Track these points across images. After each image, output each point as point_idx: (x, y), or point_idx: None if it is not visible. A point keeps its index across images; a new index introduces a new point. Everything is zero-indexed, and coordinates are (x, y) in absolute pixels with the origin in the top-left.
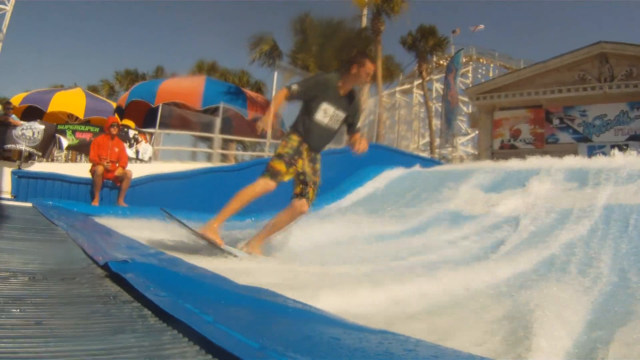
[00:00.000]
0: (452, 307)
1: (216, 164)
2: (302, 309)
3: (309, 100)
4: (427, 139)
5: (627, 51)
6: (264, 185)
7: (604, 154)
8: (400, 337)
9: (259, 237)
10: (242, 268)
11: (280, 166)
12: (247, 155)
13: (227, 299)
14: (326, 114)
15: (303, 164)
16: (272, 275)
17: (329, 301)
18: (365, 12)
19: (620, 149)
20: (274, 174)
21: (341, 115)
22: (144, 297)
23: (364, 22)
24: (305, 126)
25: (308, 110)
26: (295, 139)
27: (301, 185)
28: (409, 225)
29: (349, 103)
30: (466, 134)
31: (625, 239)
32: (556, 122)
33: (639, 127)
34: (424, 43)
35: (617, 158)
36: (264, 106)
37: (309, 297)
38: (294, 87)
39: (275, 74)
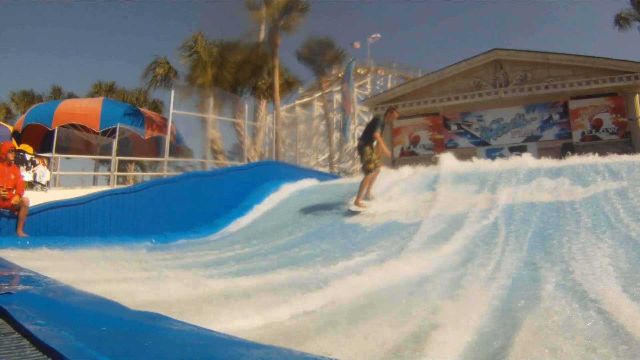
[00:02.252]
0: (364, 308)
1: (115, 186)
2: (186, 330)
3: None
4: (328, 154)
5: (521, 57)
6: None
7: (503, 155)
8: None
9: (359, 196)
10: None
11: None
12: (147, 175)
13: (109, 325)
14: None
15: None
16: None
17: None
18: (262, 27)
19: (518, 150)
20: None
21: None
22: (23, 327)
23: (262, 36)
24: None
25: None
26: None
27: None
28: (310, 231)
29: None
30: None
31: (523, 235)
32: (454, 127)
33: (535, 128)
34: (322, 56)
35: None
36: (161, 125)
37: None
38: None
39: (172, 92)
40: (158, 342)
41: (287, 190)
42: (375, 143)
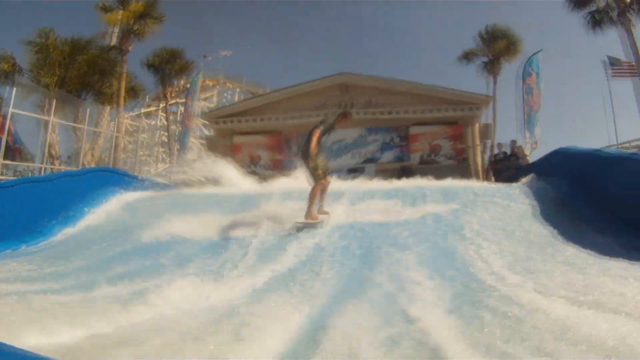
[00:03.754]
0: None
1: None
2: None
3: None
4: (169, 164)
5: (366, 82)
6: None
7: (340, 177)
8: None
9: (310, 208)
10: None
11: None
12: None
13: None
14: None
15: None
16: None
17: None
18: (116, 30)
19: (356, 171)
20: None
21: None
22: None
23: (114, 40)
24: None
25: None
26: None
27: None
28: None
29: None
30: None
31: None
32: (294, 148)
33: (375, 149)
34: (170, 66)
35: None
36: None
37: None
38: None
39: (15, 90)
40: None
41: (121, 199)
42: (318, 145)
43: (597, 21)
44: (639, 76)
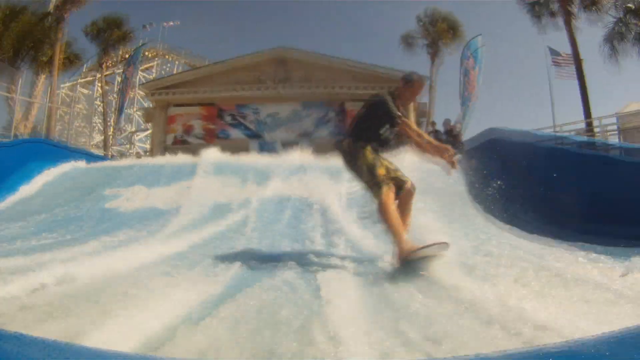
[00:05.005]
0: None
1: None
2: None
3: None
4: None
5: (304, 57)
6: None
7: (274, 149)
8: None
9: (400, 238)
10: None
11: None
12: None
13: None
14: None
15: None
16: None
17: None
18: None
19: (291, 145)
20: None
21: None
22: None
23: (51, 7)
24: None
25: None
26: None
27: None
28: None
29: None
30: (146, 130)
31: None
32: (228, 118)
33: (310, 125)
34: (109, 34)
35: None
36: None
37: None
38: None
39: None
40: None
41: (53, 171)
42: (386, 137)
43: (537, 12)
44: (575, 66)
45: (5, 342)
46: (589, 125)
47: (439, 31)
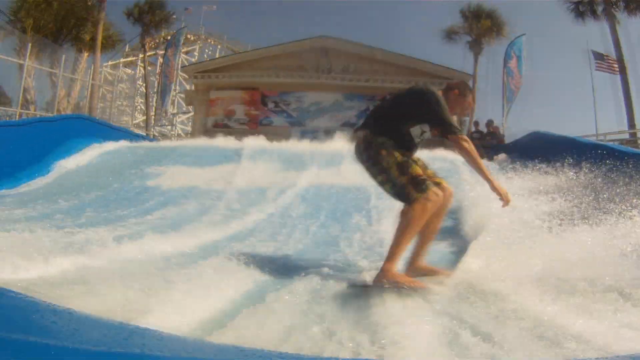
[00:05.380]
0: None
1: None
2: None
3: None
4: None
5: (346, 47)
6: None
7: (316, 137)
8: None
9: (397, 258)
10: None
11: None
12: None
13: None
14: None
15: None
16: None
17: None
18: None
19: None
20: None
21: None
22: None
23: None
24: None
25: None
26: None
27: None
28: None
29: None
30: (187, 112)
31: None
32: (271, 105)
33: (352, 115)
34: (151, 16)
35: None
36: None
37: None
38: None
39: None
40: None
41: (96, 148)
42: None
43: (580, 12)
44: (619, 73)
45: (59, 318)
46: (633, 135)
47: (483, 28)
